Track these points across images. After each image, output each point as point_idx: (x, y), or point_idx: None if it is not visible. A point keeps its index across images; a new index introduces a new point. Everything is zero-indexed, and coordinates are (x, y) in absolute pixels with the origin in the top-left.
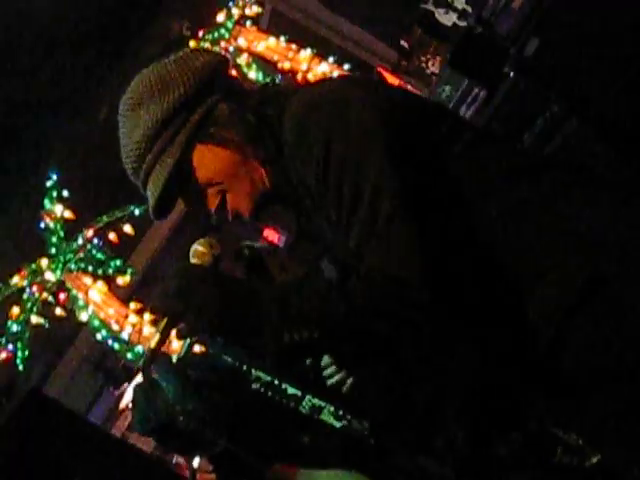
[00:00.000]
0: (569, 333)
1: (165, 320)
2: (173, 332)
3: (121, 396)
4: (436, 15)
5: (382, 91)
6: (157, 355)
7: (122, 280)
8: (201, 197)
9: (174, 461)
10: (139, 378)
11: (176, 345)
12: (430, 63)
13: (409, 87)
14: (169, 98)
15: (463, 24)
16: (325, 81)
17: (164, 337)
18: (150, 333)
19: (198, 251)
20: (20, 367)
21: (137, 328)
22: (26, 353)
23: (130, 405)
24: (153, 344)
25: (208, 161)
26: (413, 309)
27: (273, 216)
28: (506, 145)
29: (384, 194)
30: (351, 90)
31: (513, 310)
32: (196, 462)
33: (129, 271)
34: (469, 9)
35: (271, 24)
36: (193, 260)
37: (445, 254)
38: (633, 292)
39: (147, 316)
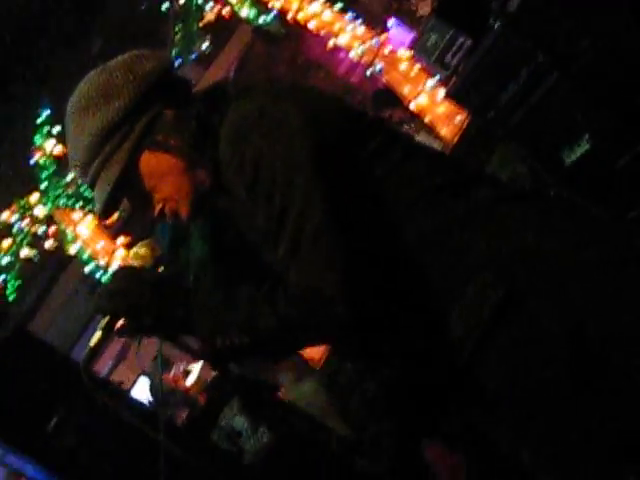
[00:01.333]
0: (486, 347)
1: (107, 319)
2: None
3: None
4: None
5: (319, 108)
6: (97, 352)
7: (111, 220)
8: (146, 199)
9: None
10: None
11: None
12: (420, 6)
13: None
14: (114, 106)
15: None
16: (262, 94)
17: (105, 334)
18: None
19: (139, 254)
20: (11, 298)
21: (124, 261)
22: (17, 283)
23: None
24: (93, 342)
25: (153, 168)
26: (333, 324)
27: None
28: (436, 160)
29: (311, 216)
30: (282, 108)
31: (435, 324)
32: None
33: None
34: None
35: None
36: (135, 262)
37: (368, 271)
38: (545, 307)
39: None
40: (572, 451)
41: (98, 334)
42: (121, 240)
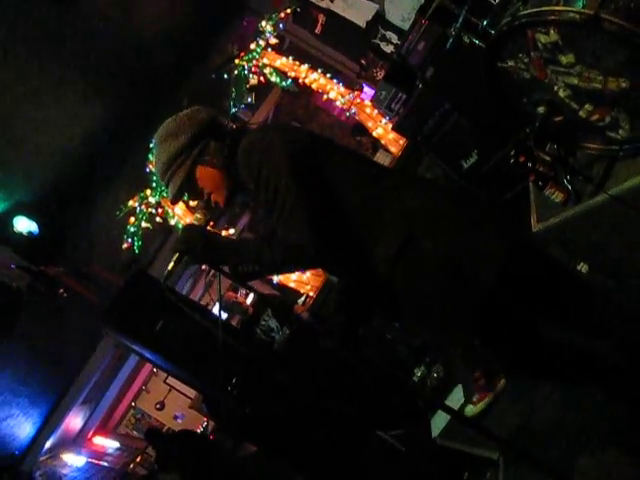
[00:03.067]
0: (394, 271)
1: (176, 255)
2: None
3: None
4: (381, 46)
5: (291, 134)
6: (172, 275)
7: (192, 202)
8: (200, 194)
9: (239, 293)
10: None
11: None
12: (378, 74)
13: (365, 87)
14: (181, 139)
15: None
16: (261, 129)
17: (176, 264)
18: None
19: (197, 217)
20: (136, 251)
21: None
22: (140, 244)
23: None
24: (168, 268)
25: (203, 176)
26: (303, 257)
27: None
28: (363, 159)
29: (289, 197)
30: (269, 136)
31: (365, 258)
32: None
33: None
34: (399, 42)
35: (287, 49)
36: (195, 222)
37: (323, 228)
38: (429, 244)
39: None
40: (441, 320)
41: (171, 264)
42: (198, 215)
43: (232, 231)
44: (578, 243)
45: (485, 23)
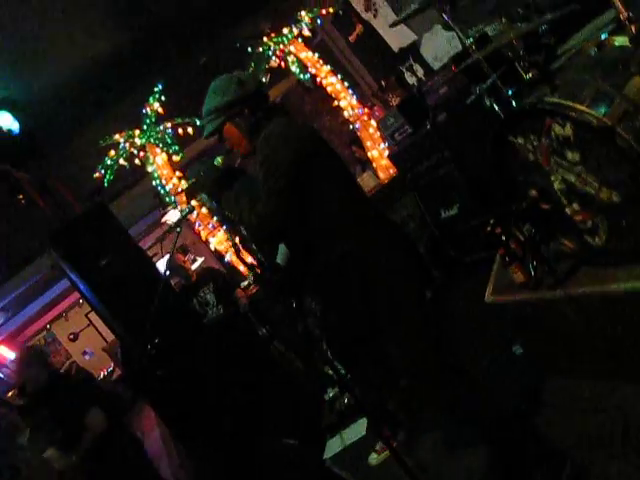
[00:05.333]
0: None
1: (194, 179)
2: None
3: (164, 214)
4: (405, 75)
5: (300, 131)
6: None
7: (176, 158)
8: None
9: (186, 257)
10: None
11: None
12: (393, 99)
13: (375, 108)
14: (225, 98)
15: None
16: (278, 122)
17: (190, 186)
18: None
19: (218, 160)
20: (105, 184)
21: (175, 186)
22: (111, 178)
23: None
24: (185, 187)
25: (228, 132)
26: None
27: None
28: (351, 181)
29: (272, 181)
30: (282, 132)
31: (311, 253)
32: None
33: (181, 155)
34: (423, 78)
35: (316, 45)
36: (215, 163)
37: (292, 216)
38: (351, 257)
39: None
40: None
41: (185, 185)
42: (178, 174)
43: None
44: (521, 325)
45: (510, 93)
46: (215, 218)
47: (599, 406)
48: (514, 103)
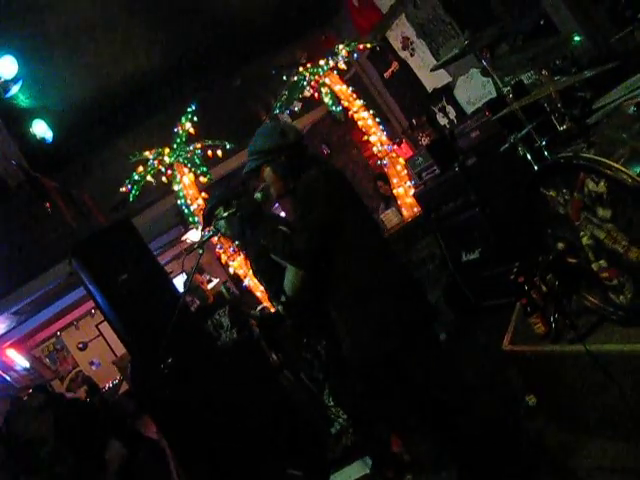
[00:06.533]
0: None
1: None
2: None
3: (185, 232)
4: (437, 115)
5: (333, 179)
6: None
7: (203, 179)
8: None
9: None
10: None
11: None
12: (423, 139)
13: (403, 144)
14: (267, 144)
15: (447, 128)
16: (315, 170)
17: (228, 212)
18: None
19: (257, 196)
20: (131, 199)
21: (200, 207)
22: (137, 193)
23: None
24: (223, 214)
25: (265, 172)
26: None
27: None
28: (374, 227)
29: (312, 222)
30: (320, 181)
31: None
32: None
33: (208, 176)
34: (455, 120)
35: (350, 78)
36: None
37: (321, 251)
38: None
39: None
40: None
41: (225, 213)
42: (203, 194)
43: None
44: (537, 377)
45: (543, 143)
46: (236, 243)
47: (611, 466)
48: (547, 154)
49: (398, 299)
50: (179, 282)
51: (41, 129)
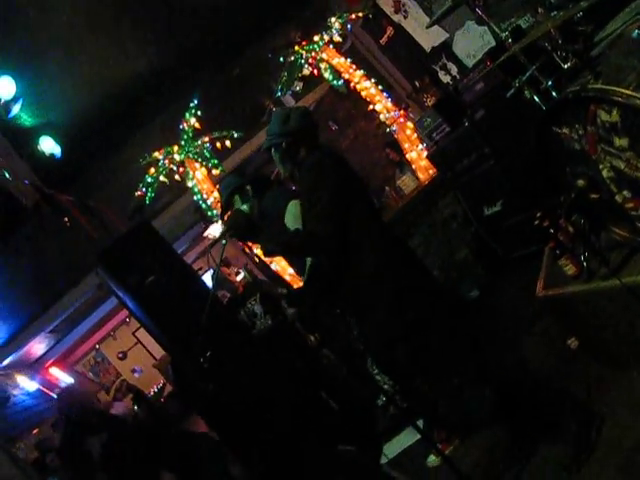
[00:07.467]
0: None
1: (226, 229)
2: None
3: (206, 228)
4: (439, 74)
5: (340, 162)
6: (215, 243)
7: (215, 172)
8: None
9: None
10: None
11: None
12: (428, 99)
13: (409, 110)
14: (273, 129)
15: (450, 85)
16: (320, 153)
17: (222, 235)
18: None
19: (244, 207)
20: (147, 202)
21: (216, 200)
22: (152, 195)
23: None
24: (217, 236)
25: (274, 155)
26: (318, 246)
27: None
28: (373, 208)
29: (320, 206)
30: (324, 163)
31: (351, 267)
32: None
33: (220, 168)
34: (458, 76)
35: (348, 50)
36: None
37: (336, 234)
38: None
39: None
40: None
41: (219, 234)
42: (218, 187)
43: None
44: (575, 319)
45: (550, 83)
46: None
47: None
48: (555, 94)
49: (405, 280)
50: (207, 279)
51: (49, 145)
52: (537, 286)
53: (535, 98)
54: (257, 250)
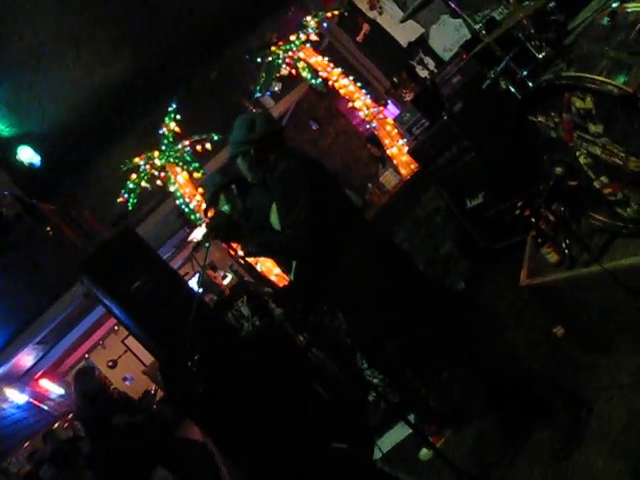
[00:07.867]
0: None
1: (207, 231)
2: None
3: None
4: (416, 69)
5: (312, 165)
6: (198, 246)
7: (197, 175)
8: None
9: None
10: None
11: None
12: (406, 95)
13: (390, 104)
14: (237, 138)
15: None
16: (292, 157)
17: (204, 238)
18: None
19: (225, 209)
20: (129, 208)
21: (199, 203)
22: (134, 201)
23: (194, 239)
24: (199, 239)
25: (239, 164)
26: (298, 248)
27: None
28: (347, 200)
29: (299, 210)
30: (295, 168)
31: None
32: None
33: (201, 171)
34: (435, 70)
35: (325, 49)
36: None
37: (315, 235)
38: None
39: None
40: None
41: (200, 238)
42: (200, 190)
43: None
44: (559, 307)
45: (525, 73)
46: None
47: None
48: (530, 83)
49: (392, 269)
50: (194, 283)
51: (27, 155)
52: (521, 275)
53: (511, 88)
54: (241, 252)
